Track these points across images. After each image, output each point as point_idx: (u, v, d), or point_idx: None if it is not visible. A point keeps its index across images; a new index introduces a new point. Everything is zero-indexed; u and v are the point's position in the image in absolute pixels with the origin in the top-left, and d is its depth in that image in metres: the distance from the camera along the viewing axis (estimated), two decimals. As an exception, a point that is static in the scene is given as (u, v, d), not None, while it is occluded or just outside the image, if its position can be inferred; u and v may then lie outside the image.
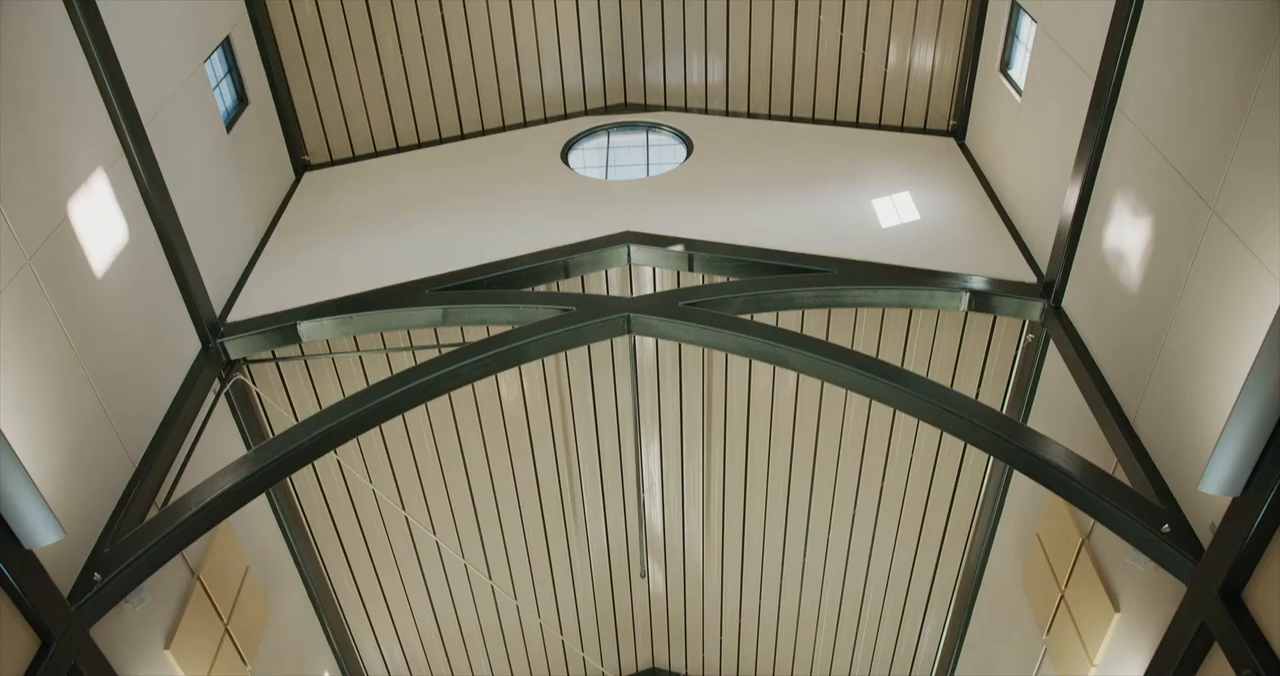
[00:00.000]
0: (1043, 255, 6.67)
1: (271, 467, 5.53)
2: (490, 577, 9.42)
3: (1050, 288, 6.41)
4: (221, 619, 6.65)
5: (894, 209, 7.51)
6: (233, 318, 6.86)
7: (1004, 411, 7.16)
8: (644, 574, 9.90)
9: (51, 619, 4.55)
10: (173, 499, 5.70)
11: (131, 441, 5.60)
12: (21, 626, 4.47)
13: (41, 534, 4.31)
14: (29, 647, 4.51)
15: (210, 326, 6.61)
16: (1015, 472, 7.50)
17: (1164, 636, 5.08)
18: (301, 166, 8.77)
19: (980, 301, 6.59)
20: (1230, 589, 4.39)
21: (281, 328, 6.74)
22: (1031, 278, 6.66)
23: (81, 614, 4.79)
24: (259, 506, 7.50)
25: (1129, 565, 5.52)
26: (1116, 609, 5.79)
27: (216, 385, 6.66)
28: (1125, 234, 5.48)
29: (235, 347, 6.73)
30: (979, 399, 7.63)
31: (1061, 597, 6.55)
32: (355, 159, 8.95)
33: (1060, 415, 6.49)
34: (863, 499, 8.67)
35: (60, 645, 4.60)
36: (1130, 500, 4.91)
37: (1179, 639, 4.87)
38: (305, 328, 6.73)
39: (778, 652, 10.50)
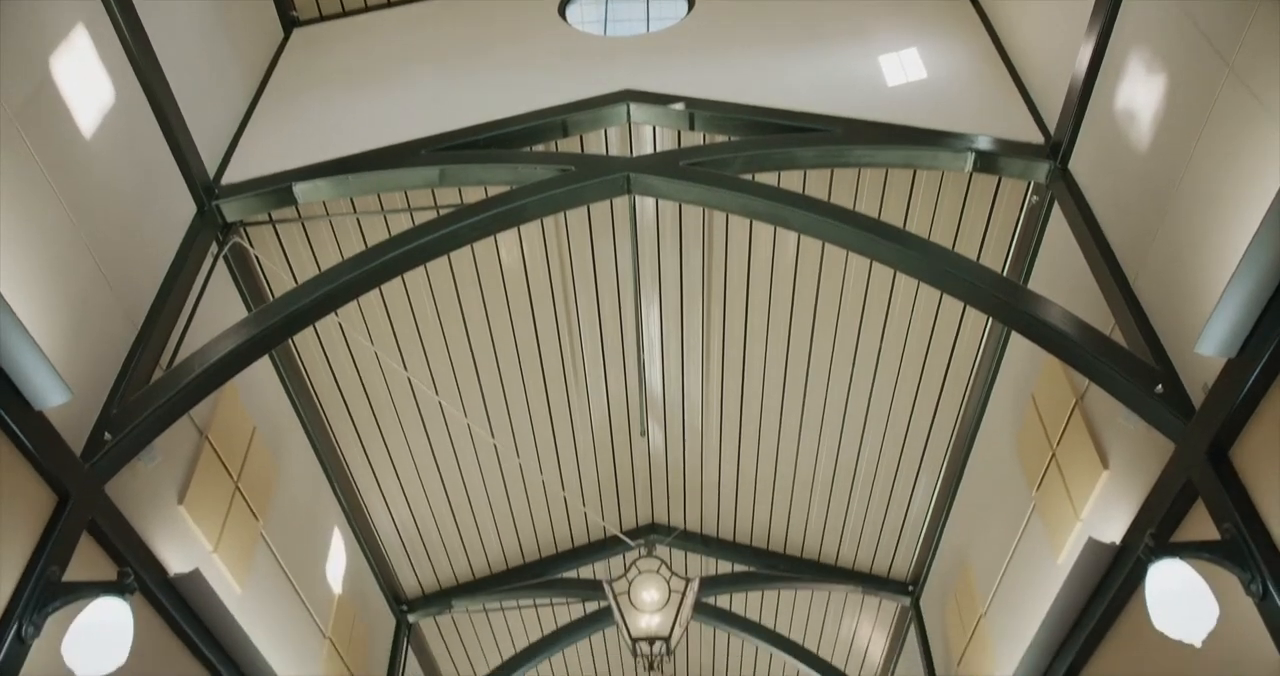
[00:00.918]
0: (1051, 116, 6.52)
1: (272, 329, 5.57)
2: (493, 436, 9.62)
3: (1058, 149, 6.30)
4: (231, 477, 6.83)
5: (901, 67, 7.29)
6: (227, 179, 6.77)
7: (1005, 274, 7.15)
8: (644, 432, 10.12)
9: (66, 476, 4.68)
10: (176, 361, 5.76)
11: (132, 305, 5.62)
12: (38, 484, 4.60)
13: (49, 394, 4.39)
14: (47, 504, 4.66)
15: (205, 188, 6.53)
16: (1013, 335, 7.56)
17: (1149, 493, 5.23)
18: (290, 23, 8.48)
19: (986, 162, 6.49)
20: (1217, 448, 4.49)
21: (276, 190, 6.66)
22: (1039, 138, 6.53)
23: (95, 471, 4.91)
24: (263, 370, 7.59)
25: (1121, 425, 5.63)
26: (1105, 467, 5.94)
27: (214, 249, 6.63)
28: (1138, 92, 5.34)
29: (231, 210, 6.67)
30: (981, 261, 7.61)
31: (1052, 456, 6.71)
32: (345, 14, 8.64)
33: (1061, 278, 6.49)
34: (860, 360, 8.76)
35: (76, 501, 4.74)
36: (1126, 361, 4.96)
37: (1164, 495, 5.01)
38: (300, 189, 6.66)
39: (774, 508, 10.84)
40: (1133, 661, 5.72)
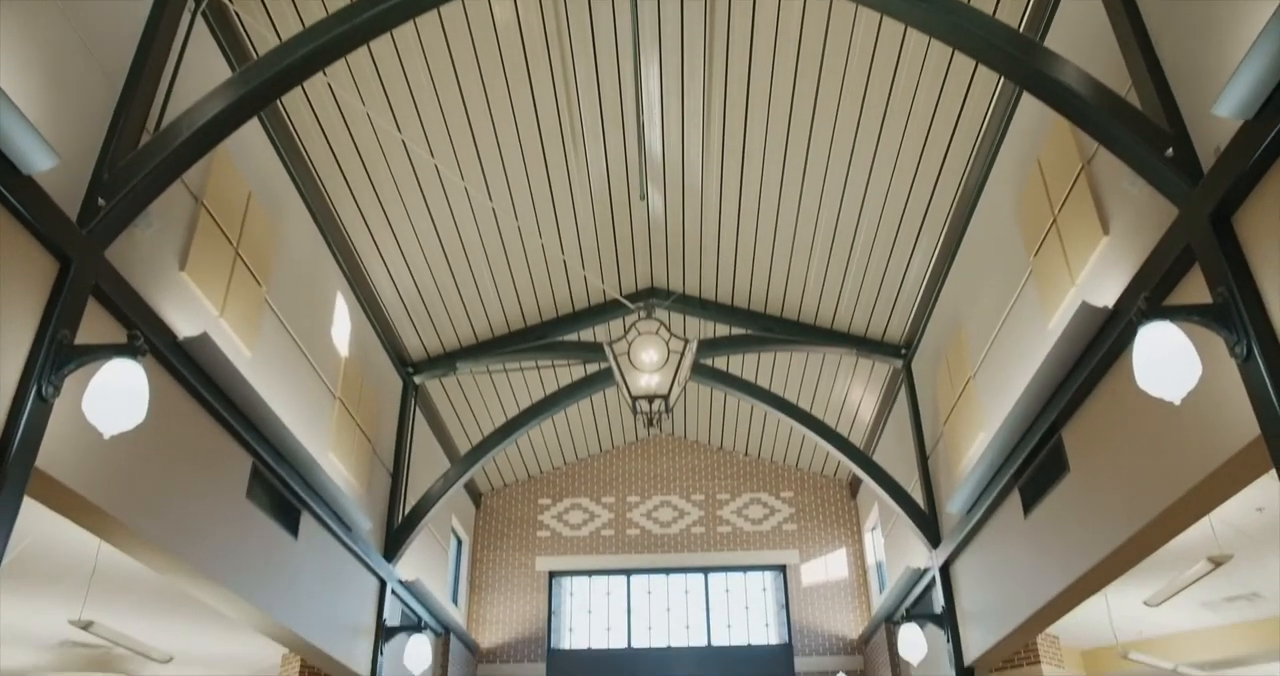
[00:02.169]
0: None
1: (260, 89, 5.39)
2: (491, 199, 9.55)
3: (1088, -111, 5.86)
4: (231, 243, 6.83)
5: None
6: (198, -75, 6.33)
7: (1021, 30, 6.83)
8: (643, 196, 10.04)
9: (65, 242, 4.68)
10: (163, 124, 5.62)
11: (111, 67, 5.40)
12: (38, 251, 4.60)
13: (35, 158, 4.31)
14: (50, 270, 4.69)
15: (174, -64, 6.12)
16: (1023, 98, 7.34)
17: (1147, 258, 5.25)
18: None
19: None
20: (1221, 212, 4.47)
21: (252, -63, 6.25)
22: (1069, -122, 6.06)
23: (93, 237, 4.91)
24: (255, 134, 7.42)
25: (1125, 190, 5.57)
26: (1105, 232, 5.93)
27: (191, 4, 6.30)
28: None
29: (205, -40, 6.28)
30: (996, 17, 7.24)
31: (1053, 222, 6.69)
32: None
33: (1079, 37, 6.22)
34: (865, 122, 8.55)
35: (78, 266, 4.77)
36: (1138, 123, 4.84)
37: (1161, 259, 5.03)
38: (277, -63, 6.24)
39: (772, 272, 10.94)
40: (1113, 422, 5.95)
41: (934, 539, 9.80)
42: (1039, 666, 10.11)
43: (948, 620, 9.39)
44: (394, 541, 10.26)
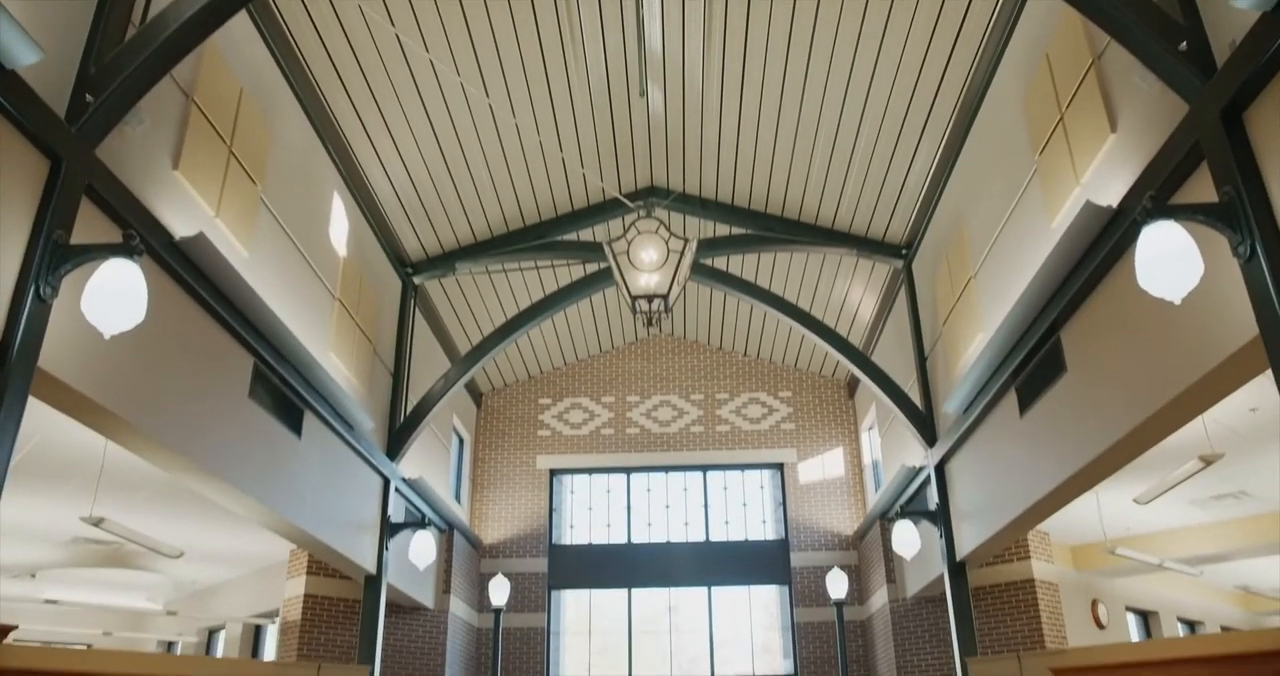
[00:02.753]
0: None
1: (248, -18, 5.24)
2: (488, 96, 9.37)
3: None
4: (224, 140, 6.72)
5: None
6: None
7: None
8: (643, 93, 9.85)
9: (54, 140, 4.62)
10: (149, 17, 5.46)
11: (93, -47, 5.23)
12: (27, 148, 4.54)
13: (19, 52, 4.20)
14: (40, 169, 4.63)
15: None
16: (1034, -12, 7.13)
17: (1154, 156, 5.18)
18: None
19: None
20: (1232, 109, 4.39)
21: None
22: None
23: (83, 134, 4.83)
24: (245, 29, 7.21)
25: (1135, 86, 5.46)
26: (1113, 130, 5.83)
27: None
28: None
29: None
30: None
31: (1060, 119, 6.57)
32: None
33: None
34: (870, 16, 8.31)
35: (69, 165, 4.71)
36: (1152, 15, 4.71)
37: (1169, 157, 4.96)
38: None
39: (773, 172, 10.80)
40: (1112, 322, 5.96)
41: (930, 438, 9.92)
42: (1029, 561, 10.37)
43: (941, 517, 9.58)
44: (396, 440, 10.39)
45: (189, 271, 5.97)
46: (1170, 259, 4.14)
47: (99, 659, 7.32)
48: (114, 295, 4.41)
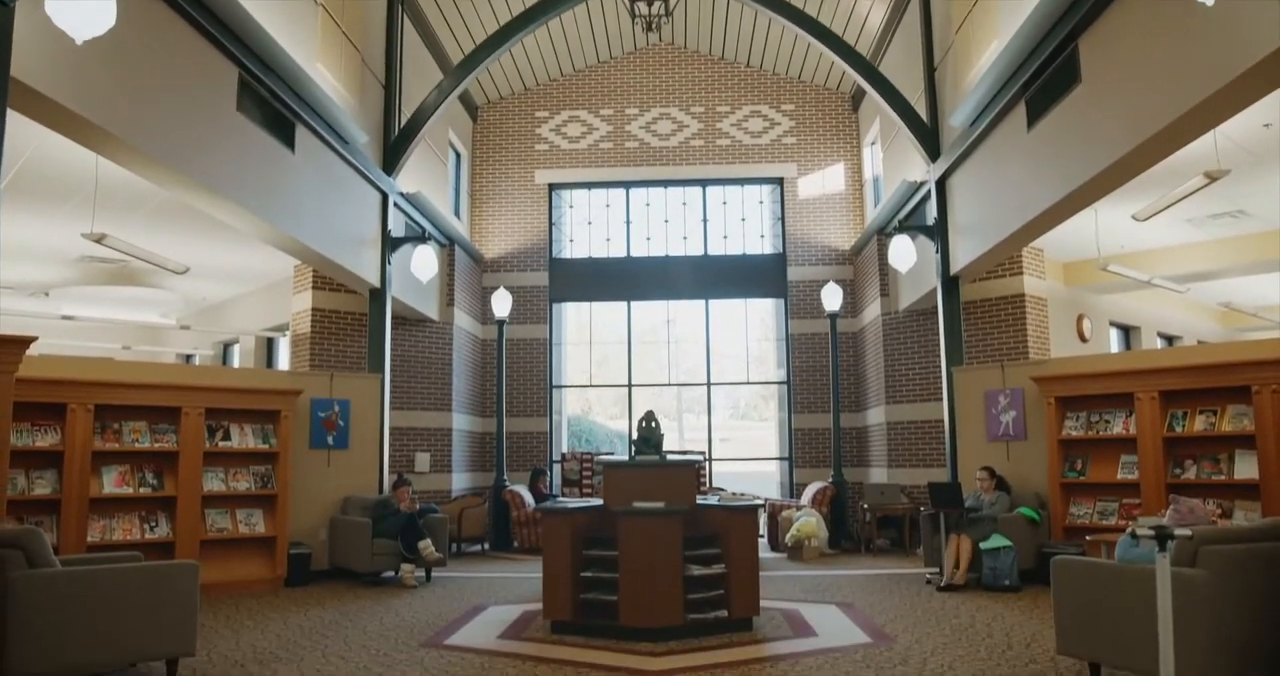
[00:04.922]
0: None
1: None
2: None
3: None
4: None
5: None
6: None
7: None
8: None
9: None
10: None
11: None
12: None
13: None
14: None
15: None
16: None
17: None
18: None
19: None
20: None
21: None
22: None
23: None
24: None
25: None
26: None
27: None
28: None
29: None
30: None
31: None
32: None
33: None
34: None
35: None
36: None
37: None
38: None
39: None
40: (1134, 30, 5.67)
41: (933, 152, 9.76)
42: (1021, 277, 10.56)
43: (939, 231, 9.63)
44: (392, 154, 10.23)
45: (158, -28, 5.61)
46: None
47: (119, 369, 7.60)
48: (79, -4, 4.15)
